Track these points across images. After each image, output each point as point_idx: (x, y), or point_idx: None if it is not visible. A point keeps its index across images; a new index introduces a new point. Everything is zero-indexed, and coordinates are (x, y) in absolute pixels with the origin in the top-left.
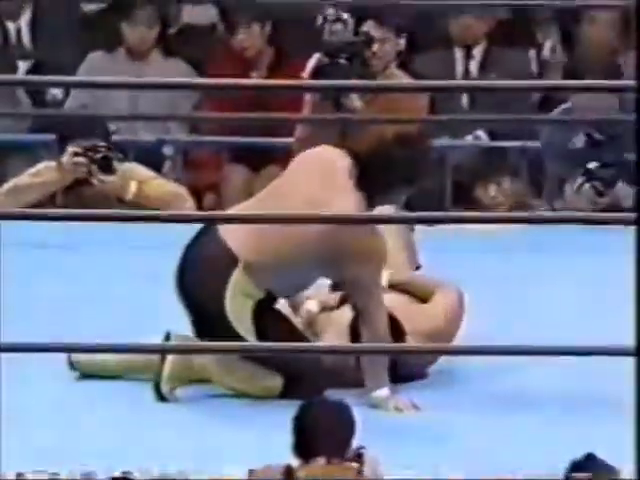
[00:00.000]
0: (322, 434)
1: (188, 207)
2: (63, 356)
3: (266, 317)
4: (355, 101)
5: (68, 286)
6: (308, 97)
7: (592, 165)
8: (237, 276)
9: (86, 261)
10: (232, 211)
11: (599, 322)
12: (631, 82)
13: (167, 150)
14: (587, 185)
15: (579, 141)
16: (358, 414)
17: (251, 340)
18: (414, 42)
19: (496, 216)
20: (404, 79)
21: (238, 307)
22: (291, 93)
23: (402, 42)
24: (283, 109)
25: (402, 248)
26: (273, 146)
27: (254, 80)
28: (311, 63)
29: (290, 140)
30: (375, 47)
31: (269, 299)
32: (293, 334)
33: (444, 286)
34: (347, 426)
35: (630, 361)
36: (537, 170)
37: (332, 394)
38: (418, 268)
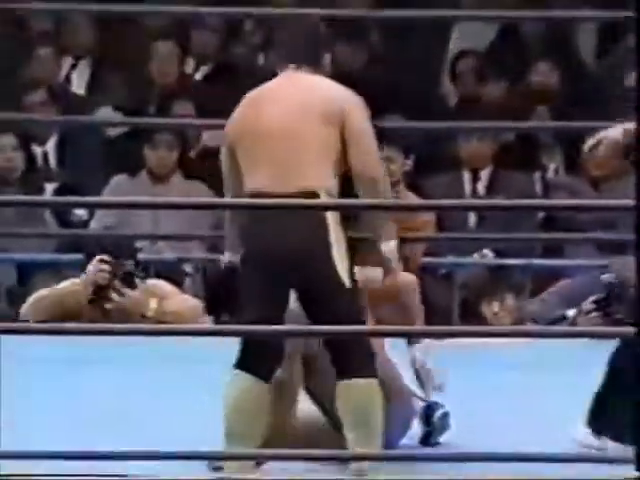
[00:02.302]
0: None
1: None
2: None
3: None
4: None
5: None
6: None
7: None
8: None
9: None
10: None
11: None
12: (630, 202)
13: (187, 268)
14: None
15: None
16: None
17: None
18: (424, 164)
19: (497, 330)
20: (413, 199)
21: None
22: None
23: (409, 162)
24: None
25: None
26: None
27: (266, 200)
28: None
29: None
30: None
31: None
32: None
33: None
34: None
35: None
36: (541, 287)
37: None
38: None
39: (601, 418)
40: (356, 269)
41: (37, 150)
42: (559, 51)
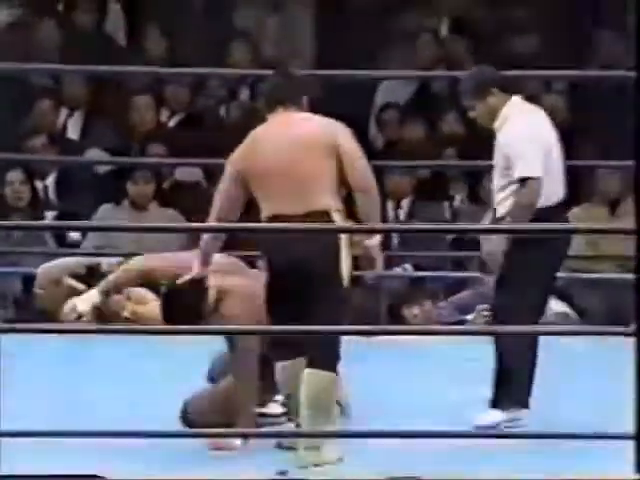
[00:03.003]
0: None
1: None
2: None
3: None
4: None
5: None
6: None
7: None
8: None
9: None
10: None
11: None
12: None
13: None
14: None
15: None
16: None
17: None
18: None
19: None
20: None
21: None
22: None
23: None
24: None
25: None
26: None
27: (231, 224)
28: None
29: None
30: None
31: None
32: None
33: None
34: None
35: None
36: (452, 294)
37: None
38: None
39: (504, 394)
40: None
41: (39, 184)
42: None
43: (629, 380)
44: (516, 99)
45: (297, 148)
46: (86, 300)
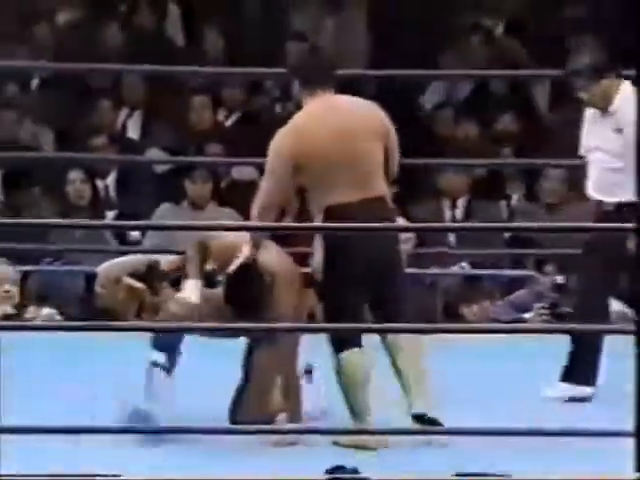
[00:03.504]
0: None
1: None
2: None
3: None
4: None
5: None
6: None
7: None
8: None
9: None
10: None
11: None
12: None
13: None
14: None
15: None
16: None
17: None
18: (410, 194)
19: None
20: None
21: None
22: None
23: (393, 190)
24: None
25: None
26: None
27: (287, 224)
28: None
29: None
30: None
31: None
32: None
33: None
34: None
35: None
36: (509, 293)
37: None
38: None
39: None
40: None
41: (100, 183)
42: (519, 104)
43: None
44: (627, 83)
45: (355, 134)
46: (194, 290)
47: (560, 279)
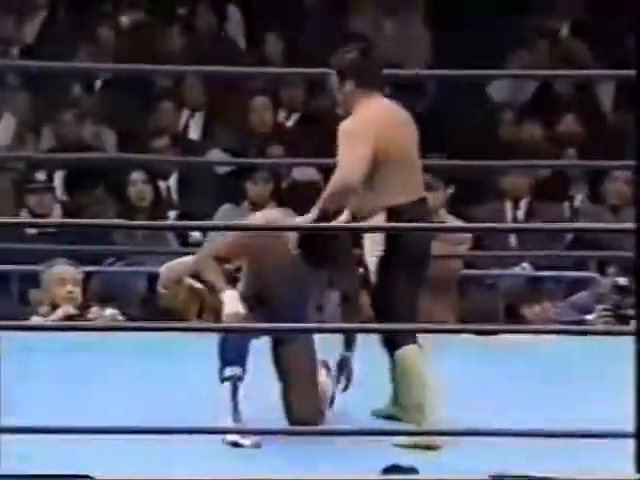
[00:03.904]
0: None
1: None
2: None
3: None
4: None
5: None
6: None
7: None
8: None
9: None
10: None
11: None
12: (631, 225)
13: None
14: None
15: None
16: None
17: None
18: (471, 195)
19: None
20: (454, 222)
21: None
22: None
23: (449, 191)
24: None
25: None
26: None
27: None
28: None
29: None
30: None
31: None
32: None
33: None
34: None
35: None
36: (571, 295)
37: None
38: None
39: None
40: None
41: (162, 184)
42: (583, 104)
43: None
44: None
45: (413, 136)
46: (234, 302)
47: (622, 281)
